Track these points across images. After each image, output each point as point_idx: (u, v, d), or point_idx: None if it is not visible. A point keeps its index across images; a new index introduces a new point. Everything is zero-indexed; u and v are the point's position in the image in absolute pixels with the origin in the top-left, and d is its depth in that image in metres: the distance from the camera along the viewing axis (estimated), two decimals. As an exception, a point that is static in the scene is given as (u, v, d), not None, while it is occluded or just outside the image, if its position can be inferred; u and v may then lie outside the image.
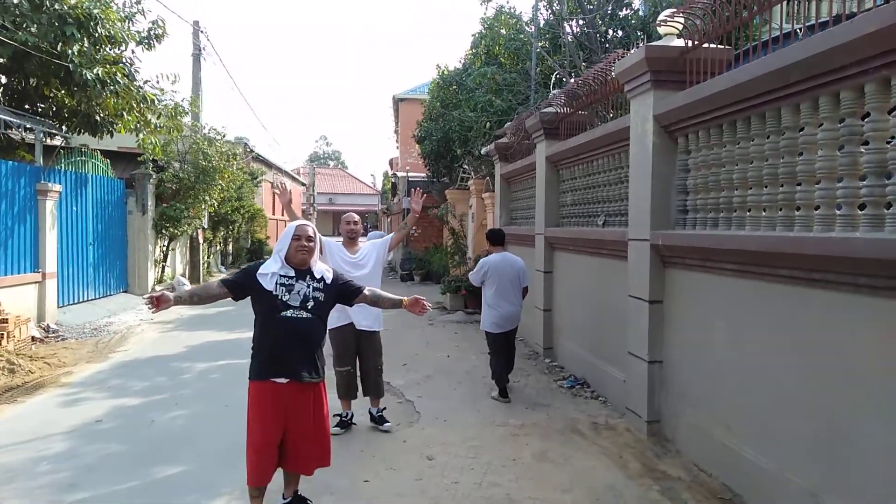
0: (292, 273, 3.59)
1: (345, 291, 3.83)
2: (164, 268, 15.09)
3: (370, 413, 5.54)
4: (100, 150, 12.86)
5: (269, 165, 32.89)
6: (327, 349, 3.99)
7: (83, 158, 11.81)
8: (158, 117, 11.35)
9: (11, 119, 9.03)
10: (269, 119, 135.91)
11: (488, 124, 11.23)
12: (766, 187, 3.89)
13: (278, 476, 3.66)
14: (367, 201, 59.90)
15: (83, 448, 4.81)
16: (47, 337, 9.25)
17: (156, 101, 10.96)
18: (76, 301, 11.40)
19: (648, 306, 5.12)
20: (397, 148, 32.26)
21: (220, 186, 15.48)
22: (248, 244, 26.50)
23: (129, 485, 4.13)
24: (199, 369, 7.49)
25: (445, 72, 16.24)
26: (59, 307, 10.54)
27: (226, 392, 6.39)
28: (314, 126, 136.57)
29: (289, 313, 3.52)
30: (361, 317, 5.40)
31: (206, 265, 18.41)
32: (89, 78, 9.26)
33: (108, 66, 9.71)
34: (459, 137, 12.91)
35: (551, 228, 7.97)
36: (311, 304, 3.60)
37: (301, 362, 3.56)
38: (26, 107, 10.38)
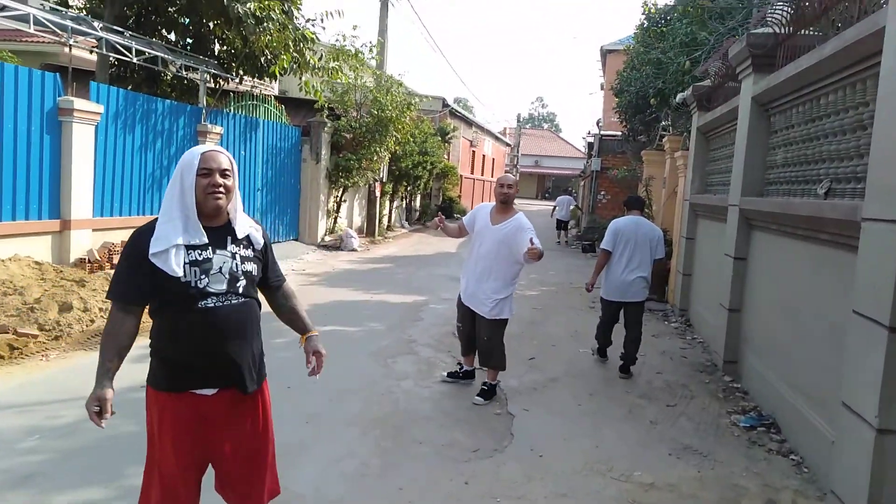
0: (204, 238, 2.22)
1: (266, 272, 2.47)
2: (336, 219, 14.96)
3: None
4: (275, 96, 12.81)
5: (469, 123, 32.32)
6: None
7: (255, 103, 11.74)
8: (320, 58, 10.76)
9: (166, 55, 8.92)
10: (481, 79, 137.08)
11: (687, 64, 8.85)
12: None
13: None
14: (575, 164, 57.30)
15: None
16: (192, 279, 9.21)
17: (315, 41, 10.34)
18: (239, 245, 11.45)
19: (887, 336, 2.97)
20: (603, 106, 29.60)
21: (395, 138, 14.84)
22: (438, 201, 26.26)
23: (88, 493, 3.23)
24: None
25: (653, 9, 13.71)
26: (217, 250, 10.62)
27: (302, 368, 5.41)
28: (530, 88, 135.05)
29: (211, 302, 2.21)
30: (474, 298, 4.93)
31: (385, 219, 18.20)
32: (241, 12, 8.82)
33: (264, 2, 9.21)
34: (654, 84, 10.59)
35: (750, 198, 5.72)
36: (241, 282, 2.27)
37: (240, 365, 2.30)
38: (205, 51, 10.41)
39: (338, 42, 13.86)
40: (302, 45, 10.18)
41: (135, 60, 8.47)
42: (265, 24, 9.19)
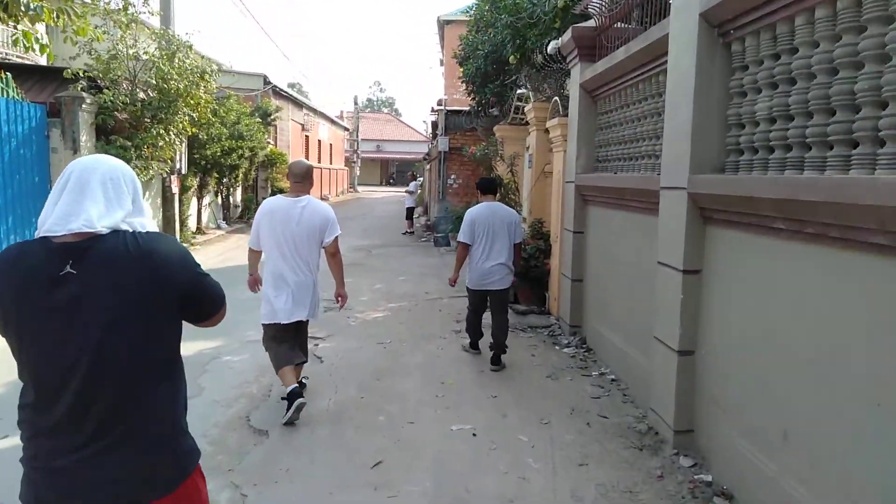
0: None
1: None
2: (115, 226, 11.36)
3: None
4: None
5: (299, 105, 28.95)
6: None
7: (-48, 67, 7.95)
8: (45, -2, 7.29)
9: None
10: (313, 62, 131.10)
11: (561, 1, 6.71)
12: None
13: None
14: (419, 148, 55.53)
15: None
16: None
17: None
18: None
19: None
20: (444, 83, 27.63)
21: (189, 117, 11.51)
22: (267, 193, 22.82)
23: None
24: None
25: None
26: None
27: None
28: (367, 72, 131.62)
29: None
30: None
31: (193, 220, 14.71)
32: None
33: None
34: (513, 38, 8.41)
35: (708, 177, 3.60)
36: None
37: None
38: None
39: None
40: (4, -26, 6.68)
41: None
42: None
